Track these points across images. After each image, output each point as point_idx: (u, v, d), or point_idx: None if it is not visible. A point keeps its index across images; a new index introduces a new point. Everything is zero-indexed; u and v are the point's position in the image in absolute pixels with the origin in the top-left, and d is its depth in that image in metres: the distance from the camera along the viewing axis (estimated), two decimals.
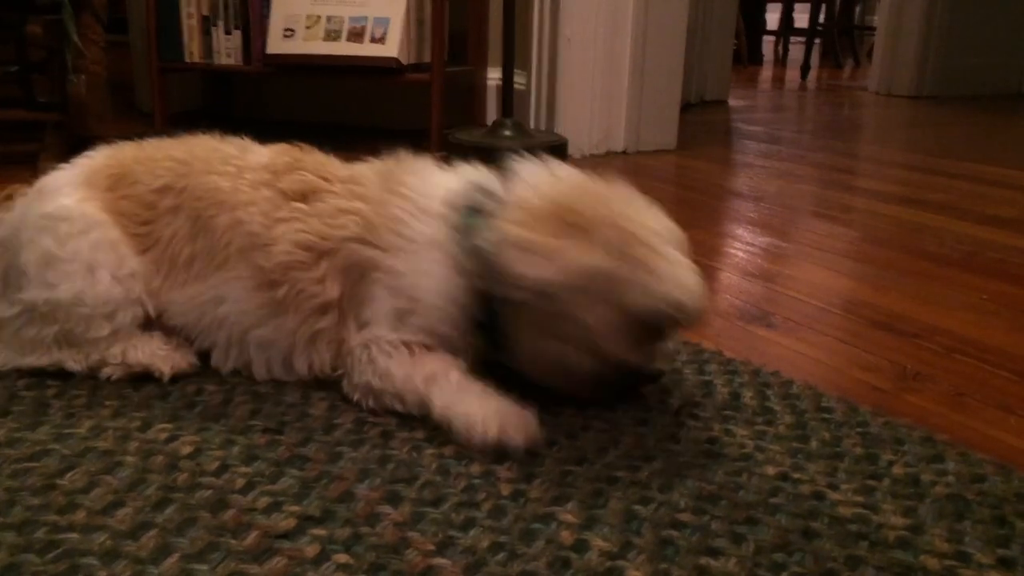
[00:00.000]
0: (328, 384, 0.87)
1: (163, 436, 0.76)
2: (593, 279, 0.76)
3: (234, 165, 0.88)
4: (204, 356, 0.90)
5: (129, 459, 0.72)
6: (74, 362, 0.86)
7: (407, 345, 0.82)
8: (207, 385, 0.86)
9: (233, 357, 0.87)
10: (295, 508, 0.66)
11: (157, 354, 0.86)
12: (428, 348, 0.82)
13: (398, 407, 0.81)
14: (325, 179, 0.87)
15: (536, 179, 0.82)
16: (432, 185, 0.86)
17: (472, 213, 0.82)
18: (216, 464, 0.72)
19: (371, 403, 0.82)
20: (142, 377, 0.86)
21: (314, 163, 0.89)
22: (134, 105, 2.88)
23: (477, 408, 0.77)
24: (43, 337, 0.85)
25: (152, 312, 0.87)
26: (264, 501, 0.67)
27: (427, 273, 0.81)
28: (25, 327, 0.86)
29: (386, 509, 0.66)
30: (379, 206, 0.84)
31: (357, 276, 0.84)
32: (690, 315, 0.79)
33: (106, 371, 0.86)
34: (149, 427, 0.78)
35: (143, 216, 0.88)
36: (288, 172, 0.87)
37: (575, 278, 0.75)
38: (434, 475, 0.71)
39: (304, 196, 0.86)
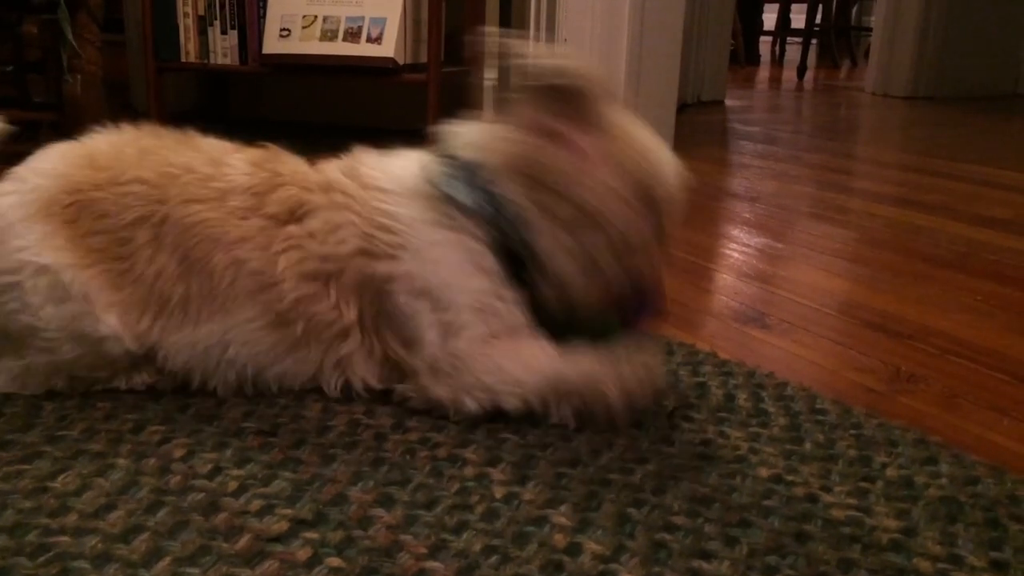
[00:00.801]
0: (321, 388, 0.87)
1: (155, 438, 0.76)
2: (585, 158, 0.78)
3: (213, 188, 0.80)
4: None
5: (121, 462, 0.72)
6: (68, 387, 0.84)
7: (484, 340, 0.80)
8: (199, 388, 0.86)
9: (247, 389, 0.84)
10: (287, 511, 0.66)
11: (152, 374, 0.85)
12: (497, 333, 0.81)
13: (512, 401, 0.79)
14: (307, 188, 0.82)
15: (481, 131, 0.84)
16: (394, 169, 0.83)
17: (454, 168, 0.82)
18: (209, 467, 0.71)
19: (482, 402, 0.79)
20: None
21: (291, 172, 0.83)
22: (130, 105, 2.87)
23: (609, 369, 0.79)
24: (51, 382, 0.83)
25: (139, 351, 0.81)
26: (256, 504, 0.66)
27: (444, 264, 0.80)
28: (28, 376, 0.83)
29: (379, 512, 0.66)
30: (365, 211, 0.81)
31: (373, 292, 0.81)
32: (676, 189, 0.84)
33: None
34: (142, 429, 0.78)
35: (117, 252, 0.79)
36: (270, 191, 0.81)
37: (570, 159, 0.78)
38: (427, 478, 0.71)
39: (292, 214, 0.81)
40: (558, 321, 0.84)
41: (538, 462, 0.74)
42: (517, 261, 0.81)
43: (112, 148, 0.83)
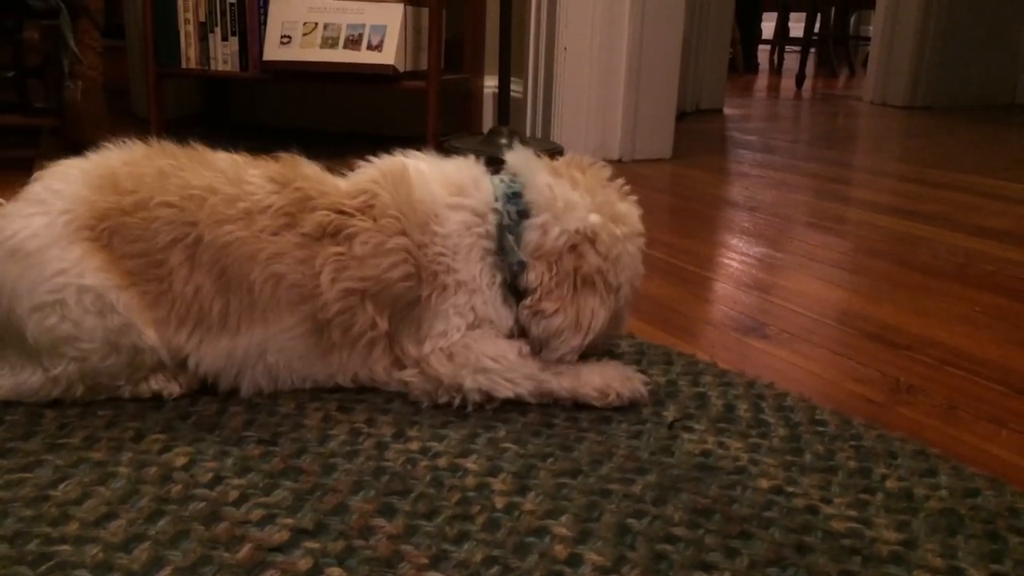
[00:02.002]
0: (322, 395, 0.87)
1: (157, 447, 0.76)
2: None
3: (241, 209, 0.83)
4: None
5: (122, 470, 0.72)
6: (84, 394, 0.84)
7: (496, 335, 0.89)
8: (201, 395, 0.86)
9: (268, 389, 0.87)
10: (288, 520, 0.66)
11: (165, 378, 0.85)
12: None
13: (505, 388, 0.86)
14: (343, 212, 0.85)
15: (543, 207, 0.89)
16: (454, 218, 0.88)
17: (505, 255, 0.89)
18: (210, 476, 0.71)
19: (480, 384, 0.85)
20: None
21: (319, 192, 0.85)
22: (130, 110, 2.88)
23: (596, 376, 0.88)
24: (71, 391, 0.83)
25: (168, 361, 0.84)
26: (258, 513, 0.66)
27: (490, 302, 0.89)
28: (51, 387, 0.83)
29: (380, 522, 0.66)
30: (419, 245, 0.85)
31: (406, 306, 0.86)
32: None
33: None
34: (143, 438, 0.78)
35: (153, 273, 0.82)
36: (303, 212, 0.84)
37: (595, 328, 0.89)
38: (428, 487, 0.71)
39: (333, 236, 0.84)
40: None
41: (538, 472, 0.75)
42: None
43: (131, 169, 0.84)
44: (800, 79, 5.02)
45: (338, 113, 2.74)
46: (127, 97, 2.91)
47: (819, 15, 5.50)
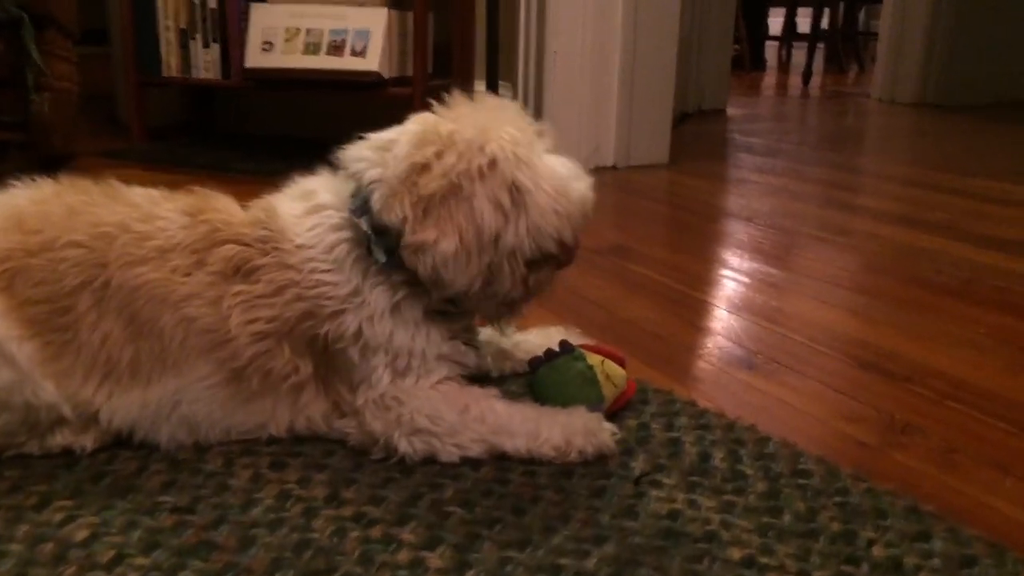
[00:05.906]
0: (256, 448, 0.80)
1: (58, 517, 0.69)
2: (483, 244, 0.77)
3: (153, 248, 0.77)
4: None
5: (15, 548, 0.65)
6: None
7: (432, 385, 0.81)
8: (122, 450, 0.79)
9: (191, 441, 0.80)
10: None
11: (72, 432, 0.78)
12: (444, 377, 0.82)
13: (449, 452, 0.78)
14: (247, 244, 0.79)
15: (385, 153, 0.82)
16: (309, 224, 0.81)
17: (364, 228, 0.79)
18: (110, 554, 0.64)
19: (416, 447, 0.78)
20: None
21: (226, 224, 0.80)
22: (115, 118, 2.82)
23: (556, 431, 0.80)
24: None
25: (72, 417, 0.77)
26: None
27: (388, 320, 0.79)
28: None
29: None
30: (298, 270, 0.79)
31: (321, 347, 0.80)
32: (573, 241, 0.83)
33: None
34: (46, 505, 0.70)
35: (58, 322, 0.75)
36: (211, 247, 0.78)
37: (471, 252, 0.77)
38: (354, 566, 0.64)
39: (238, 271, 0.78)
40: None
41: (483, 543, 0.67)
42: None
43: (37, 208, 0.78)
44: (807, 76, 4.92)
45: (324, 120, 2.66)
46: (112, 104, 2.85)
47: (827, 10, 5.39)
